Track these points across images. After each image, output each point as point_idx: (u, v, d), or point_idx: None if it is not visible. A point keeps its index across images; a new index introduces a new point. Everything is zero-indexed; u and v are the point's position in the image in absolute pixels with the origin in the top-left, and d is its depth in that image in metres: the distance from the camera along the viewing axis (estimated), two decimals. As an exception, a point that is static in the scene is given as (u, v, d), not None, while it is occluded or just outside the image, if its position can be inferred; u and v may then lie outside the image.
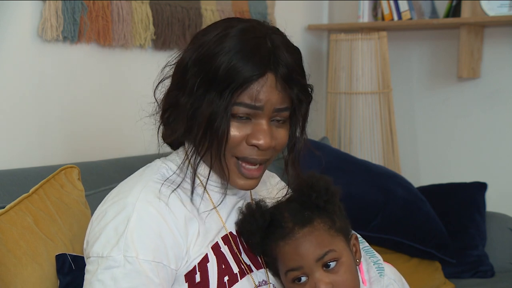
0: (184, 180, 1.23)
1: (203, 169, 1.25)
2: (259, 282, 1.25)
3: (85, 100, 2.14)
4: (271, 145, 1.19)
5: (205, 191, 1.25)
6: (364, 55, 2.91)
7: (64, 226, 1.49)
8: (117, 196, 1.20)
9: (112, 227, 1.15)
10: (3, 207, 1.45)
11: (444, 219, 2.46)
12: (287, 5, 3.08)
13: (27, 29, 1.95)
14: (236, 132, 1.17)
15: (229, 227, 1.26)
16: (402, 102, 3.22)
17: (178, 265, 1.18)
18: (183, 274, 1.18)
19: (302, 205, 1.23)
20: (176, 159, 1.27)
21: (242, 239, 1.27)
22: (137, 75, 2.28)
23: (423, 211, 2.38)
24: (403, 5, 3.01)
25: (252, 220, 1.23)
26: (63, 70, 2.06)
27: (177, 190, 1.21)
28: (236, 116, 1.17)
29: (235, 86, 1.14)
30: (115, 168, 1.89)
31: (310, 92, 1.24)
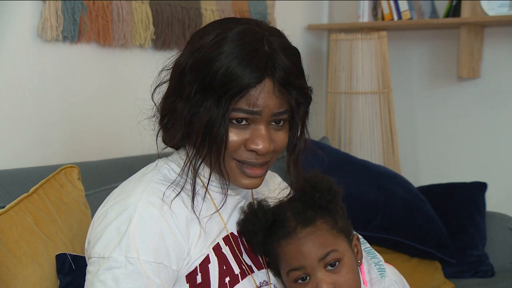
0: (187, 181, 1.23)
1: (205, 171, 1.25)
2: (260, 283, 1.24)
3: (85, 100, 2.14)
4: (269, 150, 1.19)
5: (206, 192, 1.25)
6: (364, 55, 2.91)
7: (64, 226, 1.49)
8: (119, 197, 1.20)
9: (113, 227, 1.15)
10: (3, 207, 1.45)
11: (444, 219, 2.46)
12: (287, 5, 3.08)
13: (27, 29, 1.95)
14: (234, 137, 1.17)
15: (230, 227, 1.26)
16: (402, 102, 3.22)
17: (180, 266, 1.17)
18: (184, 275, 1.18)
19: (305, 204, 1.23)
20: (177, 160, 1.27)
21: (244, 238, 1.27)
22: (137, 75, 2.28)
23: (423, 211, 2.38)
24: (403, 5, 3.01)
25: (254, 220, 1.23)
26: (63, 70, 2.06)
27: (177, 190, 1.21)
28: (234, 121, 1.17)
29: (233, 93, 1.13)
30: (115, 168, 1.89)
31: (310, 94, 1.23)
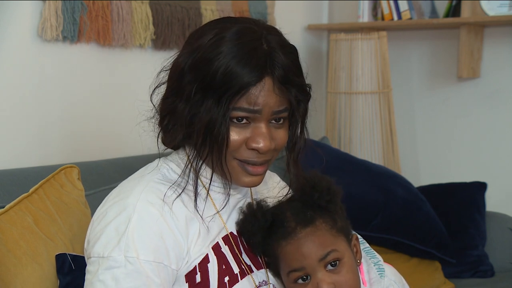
0: (184, 180, 1.23)
1: (206, 171, 1.25)
2: (260, 283, 1.25)
3: (85, 99, 2.14)
4: (270, 148, 1.19)
5: (208, 195, 1.25)
6: (364, 55, 2.91)
7: (64, 226, 1.49)
8: (118, 197, 1.20)
9: (113, 227, 1.15)
10: (3, 207, 1.45)
11: (444, 219, 2.46)
12: (287, 5, 3.08)
13: (27, 29, 1.95)
14: (235, 136, 1.17)
15: (230, 227, 1.26)
16: (402, 102, 3.22)
17: (179, 265, 1.17)
18: (183, 274, 1.18)
19: (304, 204, 1.23)
20: (176, 159, 1.27)
21: (243, 239, 1.27)
22: (137, 75, 2.28)
23: (423, 211, 2.38)
24: (403, 5, 3.01)
25: (253, 220, 1.23)
26: (63, 70, 2.06)
27: (178, 190, 1.21)
28: (235, 120, 1.17)
29: (233, 92, 1.13)
30: (115, 168, 1.89)
31: (309, 91, 1.23)
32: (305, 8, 3.26)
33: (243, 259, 1.25)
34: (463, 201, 2.57)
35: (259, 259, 1.28)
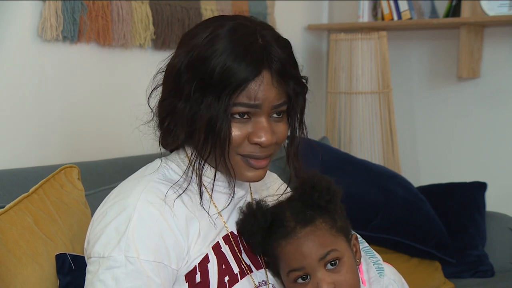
0: (186, 181, 1.23)
1: (208, 171, 1.25)
2: (259, 282, 1.25)
3: (85, 99, 2.14)
4: (272, 142, 1.19)
5: (211, 197, 1.25)
6: (364, 55, 2.91)
7: (64, 226, 1.49)
8: (118, 196, 1.20)
9: (113, 227, 1.15)
10: (3, 207, 1.45)
11: (444, 219, 2.46)
12: (287, 5, 3.08)
13: (27, 29, 1.95)
14: (237, 132, 1.17)
15: (230, 226, 1.26)
16: (402, 102, 3.22)
17: (179, 265, 1.18)
18: (183, 274, 1.18)
19: (304, 204, 1.24)
20: (176, 159, 1.27)
21: (243, 239, 1.27)
22: (137, 75, 2.28)
23: (423, 211, 2.38)
24: (403, 5, 3.01)
25: (253, 220, 1.23)
26: (63, 70, 2.06)
27: (178, 191, 1.21)
28: (236, 116, 1.17)
29: (232, 88, 1.14)
30: (115, 168, 1.89)
31: (305, 83, 1.24)
32: (305, 8, 3.26)
33: (243, 258, 1.25)
34: (463, 201, 2.57)
35: (259, 259, 1.28)
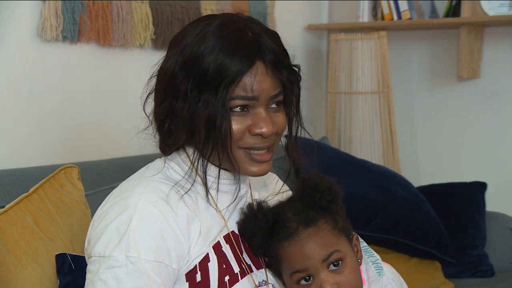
0: (188, 182, 1.23)
1: (211, 170, 1.25)
2: (259, 282, 1.25)
3: (85, 99, 2.14)
4: (273, 132, 1.20)
5: (210, 196, 1.25)
6: (364, 55, 2.91)
7: (64, 226, 1.49)
8: (119, 196, 1.20)
9: (114, 227, 1.15)
10: (3, 207, 1.45)
11: (444, 219, 2.46)
12: (287, 5, 3.08)
13: (27, 29, 1.95)
14: (238, 125, 1.18)
15: (231, 226, 1.26)
16: (402, 102, 3.22)
17: (180, 265, 1.18)
18: (184, 274, 1.18)
19: (305, 205, 1.23)
20: (177, 159, 1.27)
21: (244, 239, 1.27)
22: (136, 74, 2.27)
23: (423, 211, 2.38)
24: (403, 5, 3.01)
25: (254, 221, 1.23)
26: (63, 70, 2.06)
27: (179, 190, 1.21)
28: (234, 110, 1.18)
29: (228, 82, 1.15)
30: (115, 168, 1.89)
31: (298, 72, 1.25)
32: (305, 8, 3.25)
33: (243, 258, 1.25)
34: (463, 201, 2.57)
35: (259, 258, 1.28)
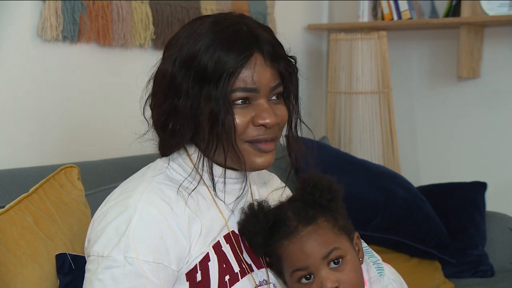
0: (192, 184, 1.23)
1: (215, 169, 1.25)
2: (260, 282, 1.25)
3: (85, 99, 2.14)
4: (276, 122, 1.21)
5: (214, 196, 1.26)
6: (364, 55, 2.91)
7: (64, 226, 1.48)
8: (120, 197, 1.20)
9: (113, 227, 1.15)
10: (3, 207, 1.44)
11: (444, 219, 2.46)
12: (287, 5, 3.08)
13: (27, 29, 1.95)
14: (241, 118, 1.19)
15: (231, 225, 1.26)
16: (402, 102, 3.22)
17: (180, 266, 1.18)
18: (184, 273, 1.18)
19: (305, 204, 1.24)
20: (177, 159, 1.27)
21: (244, 239, 1.27)
22: (136, 74, 2.27)
23: (423, 211, 2.38)
24: (403, 5, 3.01)
25: (255, 221, 1.23)
26: (63, 70, 2.06)
27: (180, 191, 1.21)
28: (236, 103, 1.18)
29: (228, 75, 1.16)
30: (115, 168, 1.89)
31: (295, 63, 1.26)
32: (305, 8, 3.25)
33: (243, 258, 1.25)
34: (463, 201, 2.57)
35: (260, 258, 1.28)
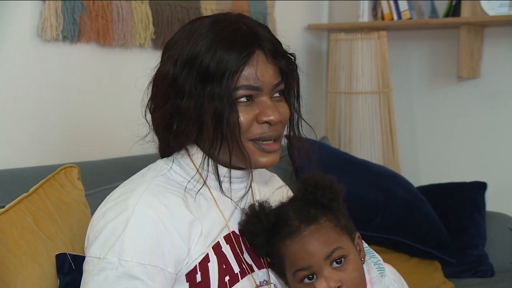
0: (191, 183, 1.23)
1: (219, 169, 1.25)
2: (260, 282, 1.25)
3: (85, 99, 2.14)
4: (280, 119, 1.21)
5: (215, 197, 1.26)
6: (364, 55, 2.91)
7: (64, 226, 1.48)
8: (119, 198, 1.20)
9: (110, 228, 1.16)
10: (3, 207, 1.44)
11: (444, 219, 2.45)
12: (287, 5, 3.07)
13: (27, 29, 1.95)
14: (245, 115, 1.19)
15: (231, 226, 1.26)
16: (402, 102, 3.22)
17: (178, 268, 1.18)
18: (184, 274, 1.18)
19: (307, 203, 1.24)
20: (178, 160, 1.27)
21: (246, 240, 1.27)
22: (136, 75, 2.27)
23: (423, 211, 2.38)
24: (403, 5, 3.01)
25: (256, 221, 1.23)
26: (63, 70, 2.06)
27: (181, 193, 1.21)
28: (240, 101, 1.19)
29: (230, 74, 1.16)
30: (115, 168, 1.89)
31: (294, 61, 1.27)
32: (305, 8, 3.25)
33: (244, 258, 1.25)
34: (463, 201, 2.57)
35: (261, 258, 1.28)
